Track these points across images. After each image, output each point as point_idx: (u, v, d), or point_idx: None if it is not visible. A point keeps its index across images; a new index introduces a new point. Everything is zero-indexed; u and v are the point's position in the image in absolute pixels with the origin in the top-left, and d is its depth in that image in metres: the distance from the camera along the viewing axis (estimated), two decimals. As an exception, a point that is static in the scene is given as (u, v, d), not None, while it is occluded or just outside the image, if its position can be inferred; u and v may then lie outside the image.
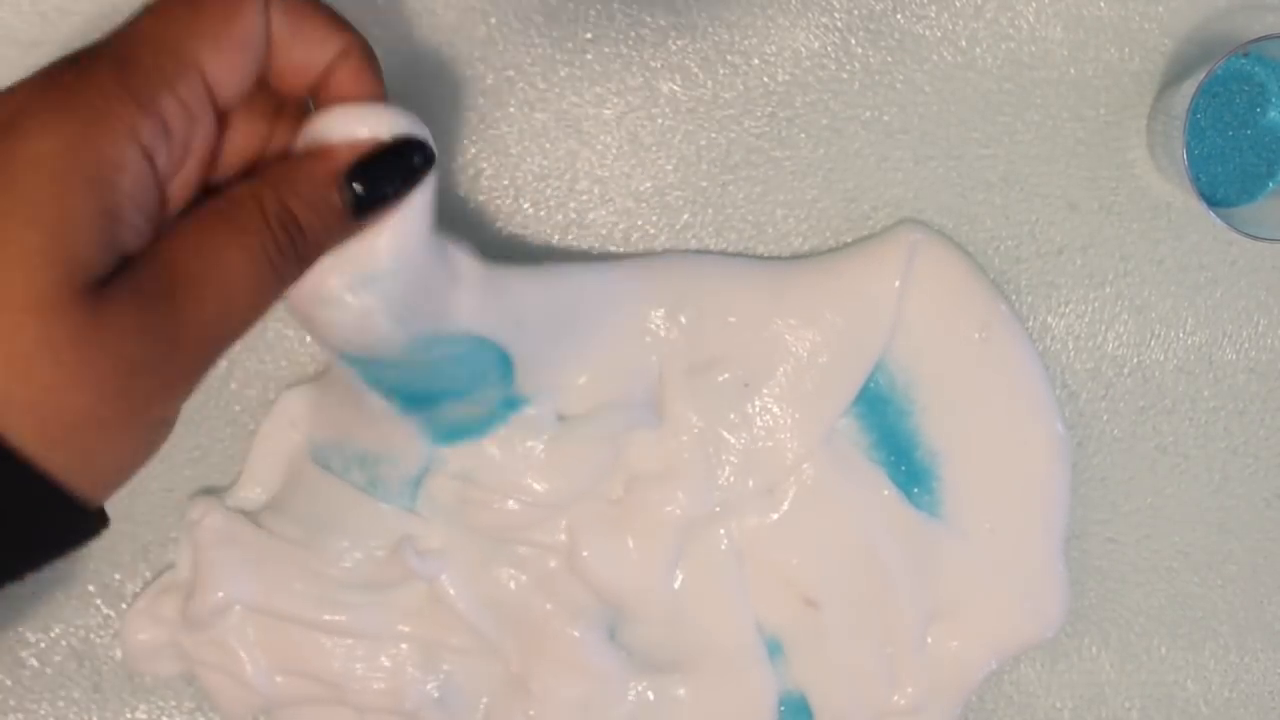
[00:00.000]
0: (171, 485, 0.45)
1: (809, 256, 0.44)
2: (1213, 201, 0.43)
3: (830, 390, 0.43)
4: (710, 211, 0.44)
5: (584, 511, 0.42)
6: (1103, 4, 0.44)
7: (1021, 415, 0.44)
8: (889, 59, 0.44)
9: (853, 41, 0.44)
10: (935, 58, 0.44)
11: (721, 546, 0.43)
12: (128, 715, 0.46)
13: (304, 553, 0.42)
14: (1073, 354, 0.46)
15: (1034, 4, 0.44)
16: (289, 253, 0.31)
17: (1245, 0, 0.44)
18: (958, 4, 0.44)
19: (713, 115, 0.44)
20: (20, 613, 0.45)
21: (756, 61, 0.44)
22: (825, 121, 0.44)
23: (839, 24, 0.44)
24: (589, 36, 0.44)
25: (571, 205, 0.44)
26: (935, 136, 0.44)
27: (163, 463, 0.45)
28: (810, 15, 0.44)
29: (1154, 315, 0.46)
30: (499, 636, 0.43)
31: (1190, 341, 0.46)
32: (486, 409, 0.41)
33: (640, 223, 0.44)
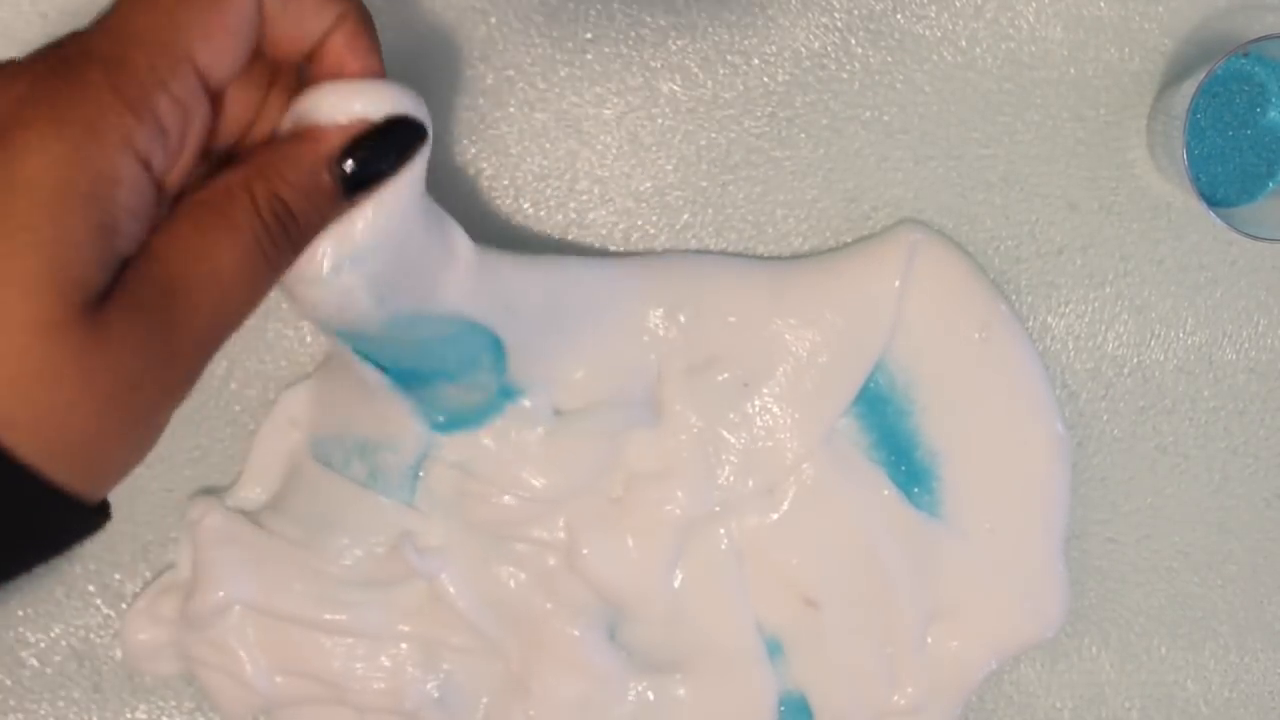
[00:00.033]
0: (171, 485, 0.45)
1: (809, 256, 0.44)
2: (1213, 201, 0.43)
3: (830, 390, 0.43)
4: (710, 211, 0.44)
5: (584, 510, 0.42)
6: (1103, 4, 0.44)
7: (1021, 415, 0.44)
8: (889, 59, 0.44)
9: (853, 41, 0.44)
10: (935, 58, 0.44)
11: (721, 546, 0.43)
12: (128, 715, 0.46)
13: (304, 552, 0.42)
14: (1073, 354, 0.46)
15: (1034, 4, 0.44)
16: (282, 241, 0.31)
17: (1245, 0, 0.44)
18: (958, 4, 0.44)
19: (713, 115, 0.44)
20: (20, 613, 0.45)
21: (756, 61, 0.44)
22: (825, 121, 0.44)
23: (839, 24, 0.44)
24: (589, 36, 0.44)
25: (571, 205, 0.44)
26: (935, 136, 0.44)
27: (163, 463, 0.45)
28: (810, 15, 0.44)
29: (1154, 315, 0.46)
30: (499, 636, 0.43)
31: (1190, 341, 0.46)
32: (483, 396, 0.41)
33: (640, 223, 0.44)
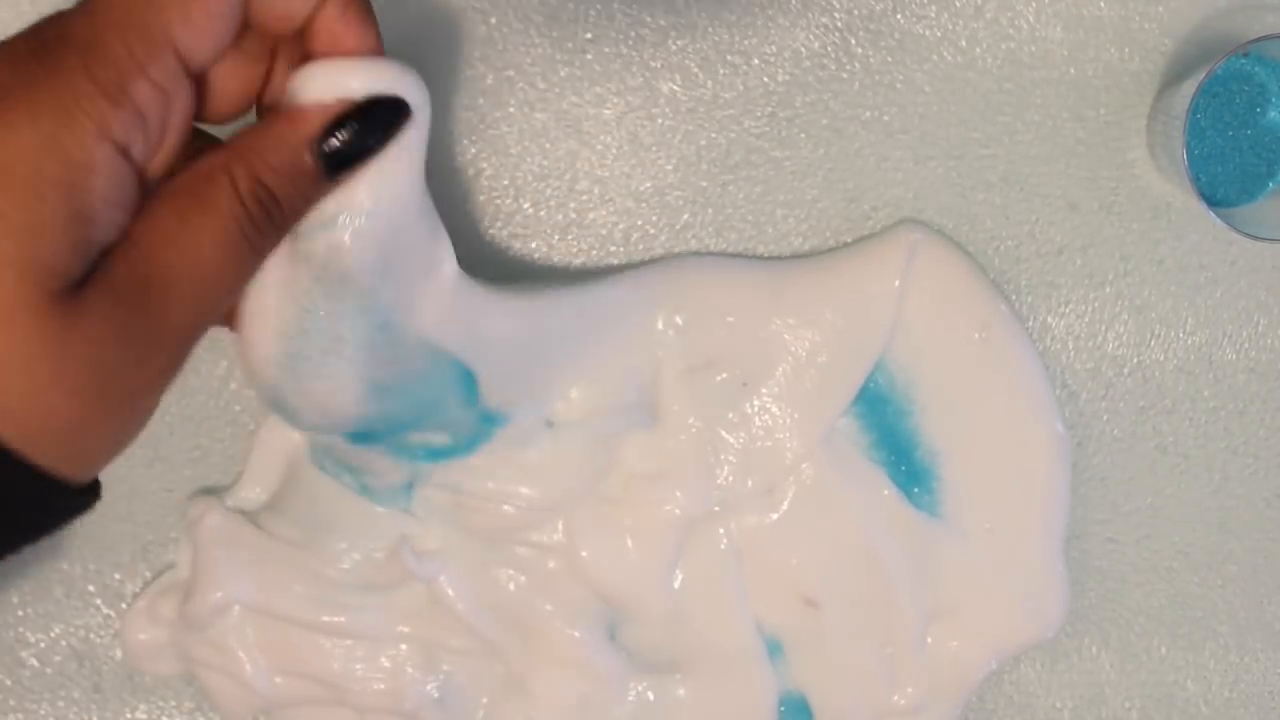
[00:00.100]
0: (171, 485, 0.45)
1: (808, 256, 0.44)
2: (1213, 201, 0.43)
3: (830, 390, 0.43)
4: (710, 211, 0.44)
5: (583, 511, 0.42)
6: (1103, 4, 0.44)
7: (1021, 415, 0.44)
8: (889, 59, 0.44)
9: (853, 41, 0.44)
10: (935, 58, 0.44)
11: (721, 546, 0.43)
12: (128, 715, 0.46)
13: (303, 554, 0.42)
14: (1073, 354, 0.46)
15: (1034, 4, 0.44)
16: (264, 225, 0.31)
17: (1245, 0, 0.44)
18: (958, 4, 0.44)
19: (713, 115, 0.44)
20: (20, 613, 0.45)
21: (756, 61, 0.44)
22: (825, 121, 0.44)
23: (839, 24, 0.44)
24: (589, 36, 0.44)
25: (571, 205, 0.44)
26: (935, 136, 0.44)
27: (163, 463, 0.45)
28: (810, 15, 0.44)
29: (1154, 315, 0.46)
30: (499, 637, 0.43)
31: (1190, 341, 0.46)
32: (460, 433, 0.40)
33: (640, 223, 0.44)
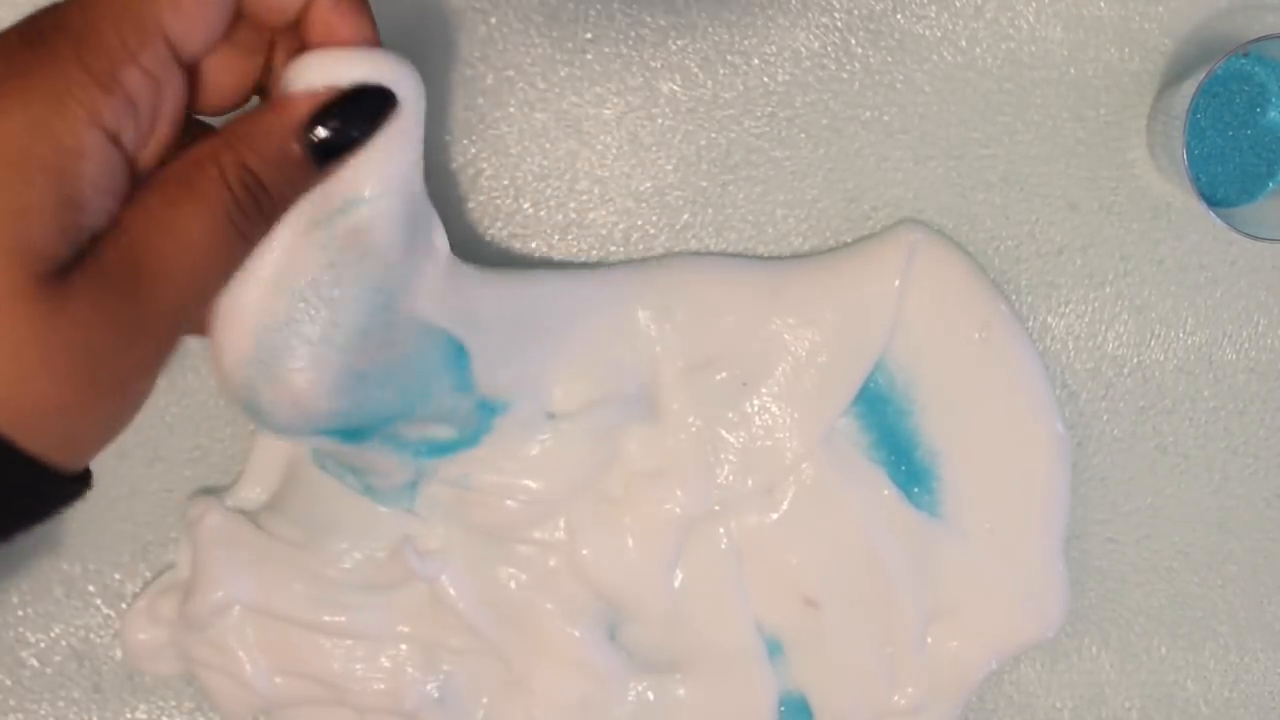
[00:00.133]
0: (171, 485, 0.45)
1: (808, 256, 0.44)
2: (1213, 201, 0.43)
3: (829, 390, 0.43)
4: (710, 211, 0.44)
5: (583, 510, 0.42)
6: (1103, 4, 0.44)
7: (1021, 415, 0.44)
8: (889, 59, 0.44)
9: (853, 41, 0.44)
10: (935, 58, 0.44)
11: (721, 546, 0.43)
12: (128, 715, 0.46)
13: (303, 554, 0.42)
14: (1073, 354, 0.46)
15: (1034, 4, 0.44)
16: (253, 213, 0.31)
17: (1245, 0, 0.44)
18: (958, 4, 0.44)
19: (713, 115, 0.44)
20: (20, 613, 0.45)
21: (756, 61, 0.44)
22: (825, 121, 0.44)
23: (839, 24, 0.44)
24: (589, 36, 0.44)
25: (571, 205, 0.44)
26: (935, 136, 0.44)
27: (163, 463, 0.45)
28: (810, 15, 0.44)
29: (1154, 315, 0.46)
30: (499, 636, 0.43)
31: (1190, 341, 0.46)
32: (462, 421, 0.40)
33: (640, 223, 0.44)
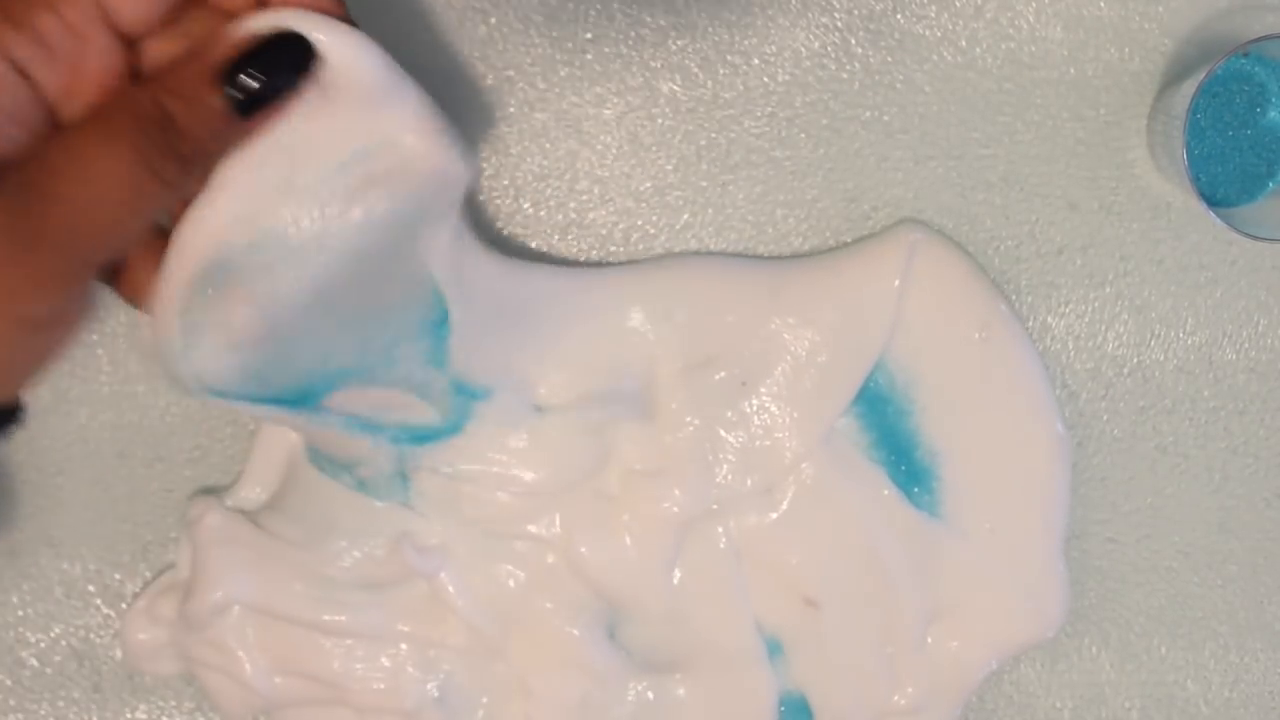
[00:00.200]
0: (171, 485, 0.45)
1: (808, 256, 0.44)
2: (1213, 201, 0.43)
3: (829, 389, 0.43)
4: (710, 211, 0.44)
5: (580, 507, 0.42)
6: (1103, 4, 0.44)
7: (1021, 415, 0.44)
8: (889, 59, 0.44)
9: (853, 41, 0.44)
10: (935, 58, 0.44)
11: (720, 545, 0.43)
12: (128, 715, 0.46)
13: (303, 553, 0.42)
14: (1073, 354, 0.46)
15: (1034, 4, 0.44)
16: (165, 149, 0.31)
17: (1245, 0, 0.44)
18: (958, 4, 0.44)
19: (713, 115, 0.44)
20: (20, 613, 0.45)
21: (756, 61, 0.44)
22: (825, 121, 0.44)
23: (839, 24, 0.44)
24: (589, 36, 0.44)
25: (571, 205, 0.44)
26: (935, 136, 0.44)
27: (163, 463, 0.45)
28: (810, 15, 0.44)
29: (1154, 315, 0.46)
30: (498, 635, 0.43)
31: (1190, 341, 0.46)
32: (437, 399, 0.40)
33: (640, 223, 0.44)
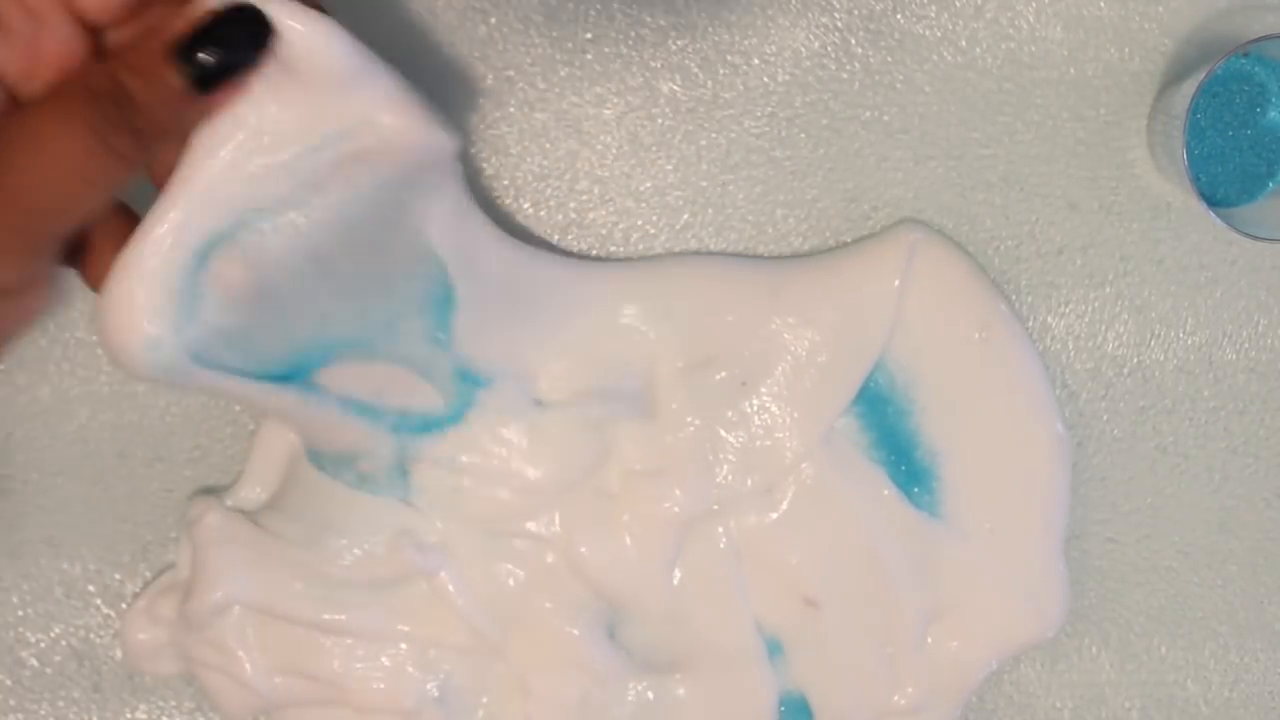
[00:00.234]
0: (171, 485, 0.45)
1: (808, 256, 0.44)
2: (1213, 201, 0.43)
3: (829, 389, 0.43)
4: (710, 211, 0.44)
5: (580, 506, 0.42)
6: (1103, 4, 0.44)
7: (1021, 415, 0.44)
8: (889, 59, 0.44)
9: (853, 41, 0.44)
10: (935, 58, 0.44)
11: (720, 545, 0.43)
12: (128, 715, 0.46)
13: (304, 552, 0.42)
14: (1073, 354, 0.46)
15: (1034, 4, 0.44)
16: (120, 124, 0.31)
17: (1245, 0, 0.44)
18: (958, 4, 0.44)
19: (713, 115, 0.44)
20: (20, 613, 0.45)
21: (756, 61, 0.44)
22: (825, 121, 0.44)
23: (839, 24, 0.44)
24: (589, 36, 0.44)
25: (571, 205, 0.44)
26: (935, 136, 0.44)
27: (163, 463, 0.45)
28: (810, 15, 0.44)
29: (1154, 315, 0.46)
30: (499, 635, 0.43)
31: (1190, 341, 0.46)
32: (443, 387, 0.40)
33: (640, 223, 0.44)
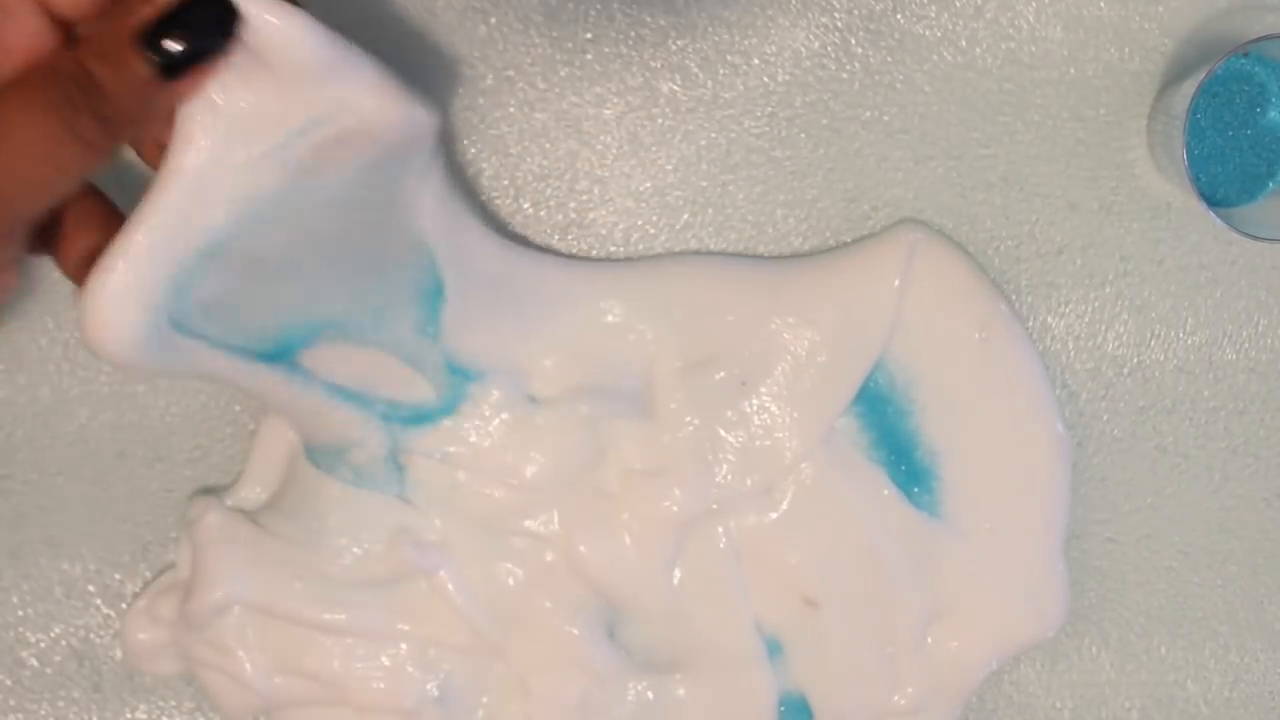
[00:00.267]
0: (171, 485, 0.45)
1: (808, 255, 0.44)
2: (1213, 201, 0.43)
3: (829, 389, 0.43)
4: (710, 211, 0.44)
5: (579, 506, 0.42)
6: (1103, 4, 0.44)
7: (1021, 415, 0.44)
8: (889, 59, 0.44)
9: (853, 41, 0.44)
10: (935, 58, 0.44)
11: (720, 545, 0.43)
12: (128, 715, 0.46)
13: (303, 551, 0.42)
14: (1073, 354, 0.46)
15: (1034, 4, 0.44)
16: (85, 110, 0.31)
17: (1245, 0, 0.44)
18: (958, 4, 0.44)
19: (713, 115, 0.44)
20: (20, 613, 0.45)
21: (756, 61, 0.44)
22: (825, 121, 0.44)
23: (839, 24, 0.44)
24: (589, 36, 0.44)
25: (571, 205, 0.44)
26: (935, 136, 0.44)
27: (163, 463, 0.45)
28: (810, 15, 0.44)
29: (1154, 315, 0.46)
30: (498, 634, 0.43)
31: (1190, 341, 0.46)
32: (434, 379, 0.40)
33: (640, 223, 0.44)
